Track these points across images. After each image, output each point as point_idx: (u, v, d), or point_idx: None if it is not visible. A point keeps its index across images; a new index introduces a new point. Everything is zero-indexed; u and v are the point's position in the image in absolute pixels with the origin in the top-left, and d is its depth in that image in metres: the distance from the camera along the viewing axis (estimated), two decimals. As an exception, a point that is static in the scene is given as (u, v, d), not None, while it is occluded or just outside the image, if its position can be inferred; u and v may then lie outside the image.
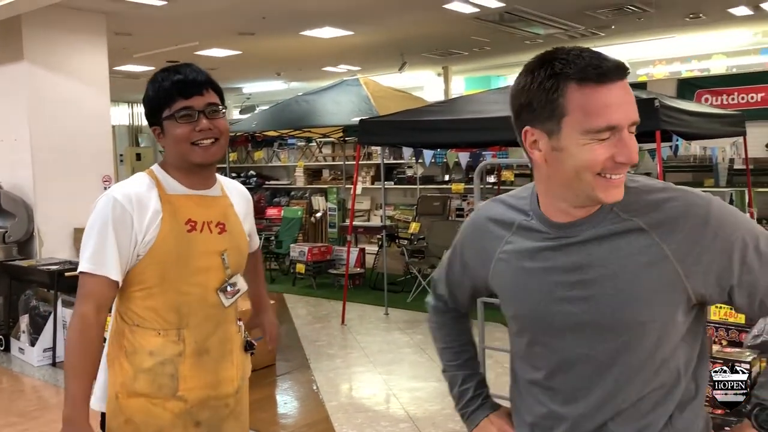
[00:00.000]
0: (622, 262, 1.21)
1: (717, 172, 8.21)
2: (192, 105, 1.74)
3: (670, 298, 1.21)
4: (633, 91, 4.06)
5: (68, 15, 6.60)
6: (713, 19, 8.92)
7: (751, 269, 1.20)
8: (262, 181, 12.51)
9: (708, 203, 1.21)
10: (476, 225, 1.43)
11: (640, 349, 1.23)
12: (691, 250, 1.19)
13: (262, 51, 10.42)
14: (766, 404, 1.29)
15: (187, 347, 1.78)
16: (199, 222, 1.80)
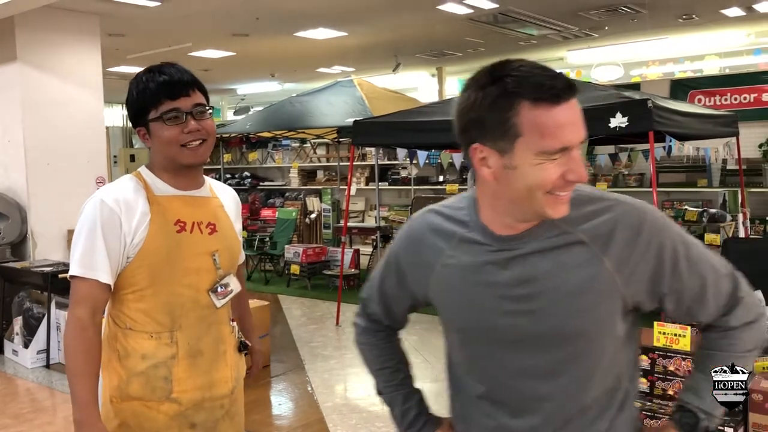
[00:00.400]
0: (565, 275, 1.22)
1: (710, 172, 8.25)
2: (179, 106, 1.72)
3: (611, 308, 1.23)
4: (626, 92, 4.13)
5: (61, 16, 6.59)
6: (706, 20, 8.96)
7: (681, 277, 1.24)
8: (257, 182, 12.49)
9: (642, 213, 1.24)
10: (414, 236, 1.38)
11: (585, 359, 1.25)
12: (627, 260, 1.21)
13: (256, 52, 10.42)
14: (690, 407, 1.32)
15: (180, 349, 1.77)
16: (188, 222, 1.78)
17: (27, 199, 6.33)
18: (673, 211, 8.15)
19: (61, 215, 6.23)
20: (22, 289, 5.92)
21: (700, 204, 8.03)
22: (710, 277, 1.27)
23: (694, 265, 1.25)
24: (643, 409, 2.32)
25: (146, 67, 1.79)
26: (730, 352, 1.31)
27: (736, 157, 7.19)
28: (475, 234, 1.28)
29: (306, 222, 10.92)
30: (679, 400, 1.37)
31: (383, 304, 1.49)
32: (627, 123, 4.82)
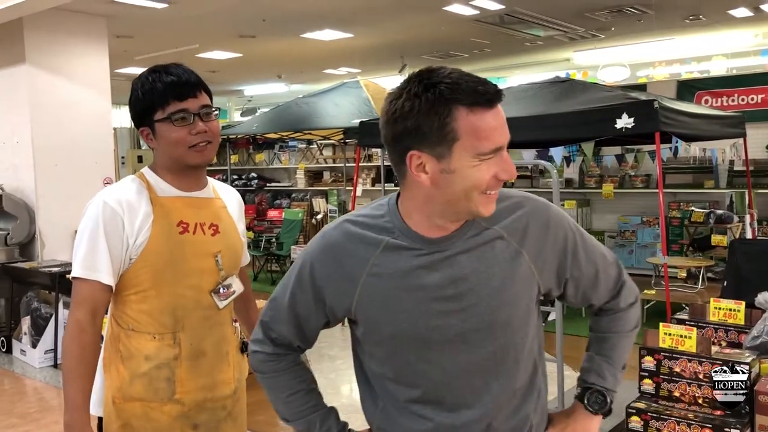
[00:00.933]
0: (491, 270, 1.29)
1: (717, 173, 8.22)
2: (187, 107, 1.72)
3: (529, 295, 1.34)
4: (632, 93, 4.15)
5: (69, 18, 6.62)
6: (713, 21, 8.93)
7: (579, 265, 1.38)
8: (263, 183, 12.53)
9: (547, 208, 1.36)
10: (332, 248, 1.35)
11: (513, 347, 1.33)
12: (540, 251, 1.33)
13: (262, 53, 10.45)
14: (597, 388, 1.46)
15: (183, 350, 1.77)
16: (191, 223, 1.78)
17: (35, 199, 6.37)
18: (680, 212, 8.14)
19: (68, 216, 6.27)
20: (30, 289, 5.96)
21: (707, 205, 8.00)
22: (601, 263, 1.42)
23: (589, 254, 1.40)
24: (649, 411, 2.32)
25: (151, 68, 1.79)
26: (619, 332, 1.48)
27: (743, 158, 7.17)
28: (402, 240, 1.30)
29: (312, 223, 10.95)
30: (584, 383, 1.49)
31: (294, 324, 1.41)
32: (633, 124, 4.81)
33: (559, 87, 5.93)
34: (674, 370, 2.41)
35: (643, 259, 8.13)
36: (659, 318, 5.19)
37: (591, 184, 8.88)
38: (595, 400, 1.46)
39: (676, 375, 2.39)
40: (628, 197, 8.70)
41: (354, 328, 1.40)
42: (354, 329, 1.41)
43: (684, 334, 2.41)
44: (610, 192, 7.18)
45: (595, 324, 1.52)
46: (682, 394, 2.37)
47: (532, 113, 5.28)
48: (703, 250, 7.21)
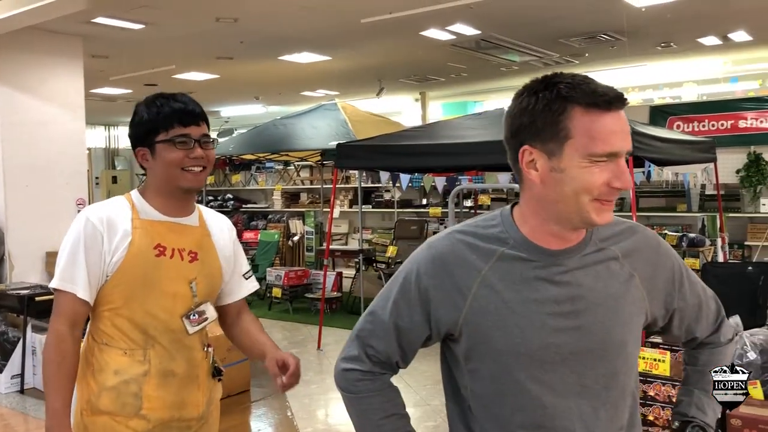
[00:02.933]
0: (607, 290, 1.26)
1: (689, 197, 8.35)
2: (189, 133, 1.81)
3: (639, 321, 1.32)
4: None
5: (45, 38, 6.58)
6: (684, 48, 9.14)
7: (685, 296, 1.38)
8: (240, 204, 12.46)
9: (657, 237, 1.38)
10: (442, 259, 1.30)
11: (623, 373, 1.29)
12: (651, 278, 1.33)
13: (240, 75, 10.44)
14: (698, 422, 1.43)
15: (153, 367, 1.82)
16: (168, 248, 1.83)
17: (5, 220, 6.26)
18: (653, 236, 8.24)
19: (39, 237, 6.16)
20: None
21: (680, 228, 8.11)
22: (703, 296, 1.42)
23: (693, 285, 1.40)
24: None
25: (158, 93, 1.87)
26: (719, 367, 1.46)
27: (715, 183, 7.30)
28: (519, 250, 1.27)
29: (289, 244, 10.89)
30: (684, 416, 1.45)
31: (395, 338, 1.34)
32: (607, 148, 4.86)
33: (534, 111, 5.98)
34: (648, 393, 2.42)
35: (617, 282, 8.19)
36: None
37: (566, 207, 8.95)
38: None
39: (650, 399, 2.39)
40: (603, 220, 8.77)
41: (453, 345, 1.32)
42: (453, 347, 1.33)
43: (658, 357, 2.43)
44: (585, 215, 7.24)
45: (694, 358, 1.49)
46: (656, 418, 2.37)
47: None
48: (676, 273, 7.27)
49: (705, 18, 7.52)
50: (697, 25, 7.85)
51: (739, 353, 2.53)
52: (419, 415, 4.61)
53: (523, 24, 7.63)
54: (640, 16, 7.21)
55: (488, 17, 7.27)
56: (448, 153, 5.72)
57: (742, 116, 8.37)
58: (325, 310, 7.39)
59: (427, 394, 5.11)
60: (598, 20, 7.54)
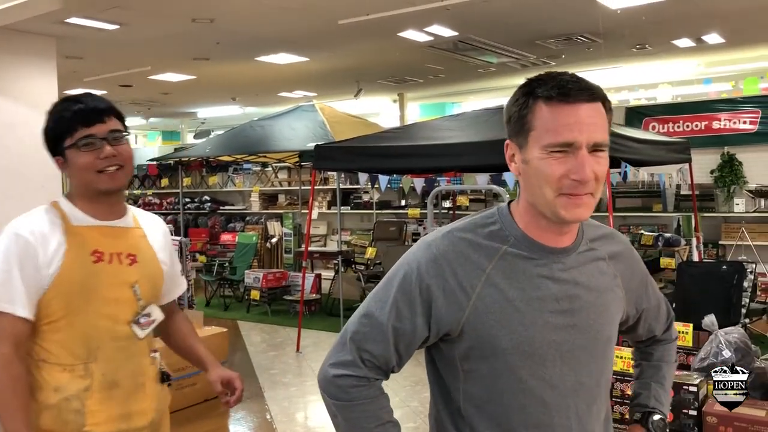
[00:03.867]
0: (598, 289, 1.32)
1: (665, 197, 8.45)
2: (94, 133, 1.73)
3: (619, 319, 1.40)
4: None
5: (17, 38, 6.47)
6: (658, 50, 9.25)
7: (649, 298, 1.49)
8: (217, 206, 12.37)
9: (628, 240, 1.46)
10: (444, 258, 1.27)
11: (608, 369, 1.38)
12: (630, 279, 1.41)
13: (217, 76, 10.37)
14: (657, 411, 1.52)
15: (95, 381, 1.75)
16: (106, 253, 1.78)
17: (-24, 224, 6.14)
18: (630, 236, 8.32)
19: (12, 240, 6.05)
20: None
21: (656, 228, 8.21)
22: (660, 298, 1.54)
23: (654, 288, 1.51)
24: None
25: (63, 97, 1.82)
26: (669, 362, 1.59)
27: (689, 183, 7.39)
28: (521, 248, 1.27)
29: (267, 246, 10.84)
30: (646, 407, 1.54)
31: (394, 341, 1.29)
32: (583, 149, 4.91)
33: (511, 112, 6.02)
34: (626, 392, 2.44)
35: (594, 282, 8.27)
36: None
37: (544, 207, 9.02)
38: (659, 424, 1.51)
39: (627, 397, 2.41)
40: (580, 221, 8.85)
41: (447, 346, 1.29)
42: (447, 347, 1.30)
43: (635, 356, 2.44)
44: (562, 215, 7.30)
45: (648, 354, 1.59)
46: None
47: (485, 138, 5.35)
48: (652, 272, 7.36)
49: (679, 20, 7.62)
50: (672, 27, 7.95)
51: (714, 351, 2.56)
52: (399, 416, 4.61)
53: (500, 26, 7.67)
54: (615, 18, 7.28)
55: (465, 19, 7.29)
56: (426, 154, 5.73)
57: (715, 117, 8.50)
58: (304, 312, 7.36)
59: (406, 395, 5.11)
60: (574, 22, 7.60)
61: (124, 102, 12.87)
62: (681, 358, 2.73)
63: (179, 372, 4.88)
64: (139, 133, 19.49)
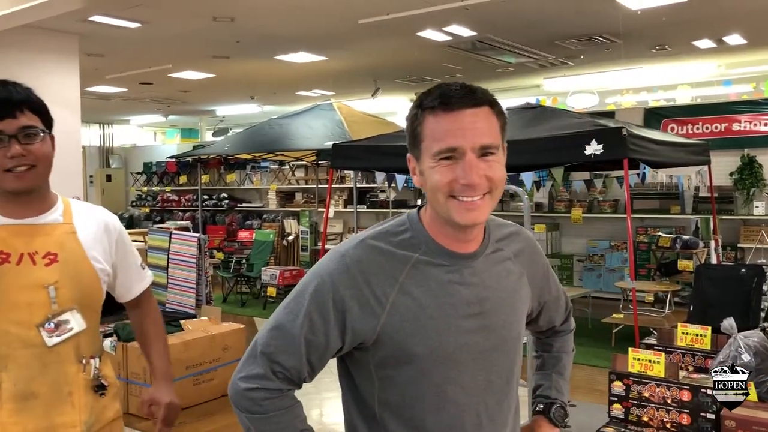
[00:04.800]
0: (505, 289, 1.36)
1: (683, 199, 8.39)
2: (2, 129, 1.57)
3: (525, 315, 1.44)
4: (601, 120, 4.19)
5: (41, 36, 6.57)
6: (678, 51, 9.18)
7: (551, 290, 1.54)
8: (234, 203, 12.45)
9: (533, 238, 1.49)
10: (357, 268, 1.27)
11: (517, 364, 1.41)
12: (533, 274, 1.45)
13: (236, 74, 10.43)
14: (558, 401, 1.57)
15: (5, 391, 1.61)
16: (14, 253, 1.62)
17: None
18: (647, 237, 8.28)
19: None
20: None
21: (674, 230, 8.15)
22: (560, 289, 1.59)
23: (554, 280, 1.55)
24: (618, 435, 2.33)
25: None
26: (568, 352, 1.65)
27: (708, 185, 7.33)
28: (430, 256, 1.29)
29: (283, 244, 10.89)
30: (548, 398, 1.58)
31: (306, 353, 1.28)
32: (602, 150, 4.90)
33: (530, 113, 6.02)
34: (643, 395, 2.44)
35: (611, 283, 8.23)
36: (627, 342, 5.24)
37: (560, 208, 9.00)
38: (559, 413, 1.57)
39: (645, 400, 2.41)
40: (597, 222, 8.82)
41: (362, 354, 1.30)
42: (361, 356, 1.31)
43: (652, 359, 2.44)
44: (579, 216, 7.28)
45: (548, 345, 1.65)
46: (650, 419, 2.39)
47: (503, 138, 5.34)
48: (669, 274, 7.33)
49: (700, 21, 7.56)
50: (692, 28, 7.89)
51: (733, 355, 2.55)
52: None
53: (518, 26, 7.65)
54: (635, 19, 7.24)
55: (484, 19, 7.29)
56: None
57: (735, 119, 8.41)
58: (320, 310, 7.38)
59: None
60: (593, 22, 7.57)
61: (144, 99, 13.00)
62: (699, 361, 2.72)
63: (197, 368, 4.94)
64: (158, 131, 19.66)
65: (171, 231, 6.50)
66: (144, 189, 14.07)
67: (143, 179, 14.31)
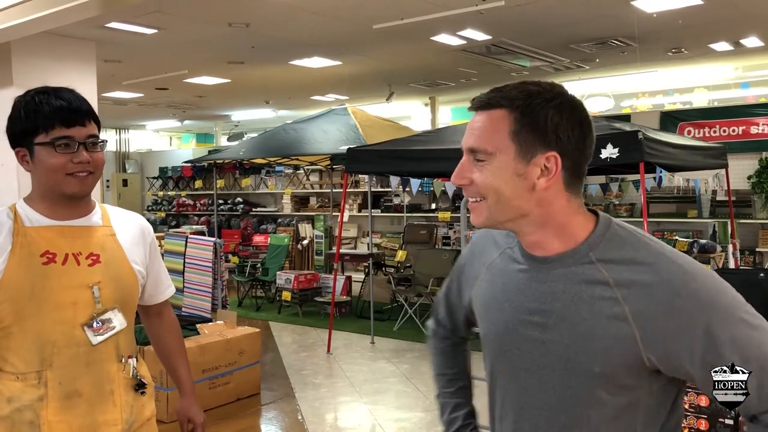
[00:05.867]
0: (582, 312, 1.15)
1: (700, 203, 8.33)
2: (73, 135, 1.64)
3: (625, 359, 1.13)
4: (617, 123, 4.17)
5: (58, 42, 6.64)
6: (695, 54, 9.12)
7: (696, 361, 1.10)
8: (249, 208, 12.51)
9: (685, 275, 1.12)
10: (475, 243, 1.44)
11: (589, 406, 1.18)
12: (652, 317, 1.11)
13: (251, 79, 10.49)
14: None
15: (50, 390, 1.64)
16: (60, 254, 1.67)
17: (18, 223, 6.31)
18: (664, 241, 8.21)
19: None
20: None
21: (690, 234, 8.09)
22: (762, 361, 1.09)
23: (728, 356, 1.09)
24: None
25: (39, 88, 1.72)
26: None
27: (726, 189, 7.27)
28: (515, 251, 1.30)
29: (298, 248, 10.92)
30: None
31: (448, 310, 1.54)
32: (618, 154, 4.87)
33: (544, 117, 5.99)
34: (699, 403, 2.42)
35: (627, 288, 8.16)
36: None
37: (576, 212, 8.94)
38: None
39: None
40: (613, 226, 8.76)
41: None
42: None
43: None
44: (595, 221, 7.23)
45: None
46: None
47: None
48: (686, 278, 7.25)
49: (716, 23, 7.51)
50: (709, 30, 7.83)
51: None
52: (430, 419, 4.61)
53: (533, 29, 7.64)
54: (651, 22, 7.20)
55: (499, 23, 7.28)
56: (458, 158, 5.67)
57: (753, 122, 8.34)
58: (335, 313, 7.40)
59: (436, 399, 5.10)
60: (609, 26, 7.53)
61: (160, 105, 13.10)
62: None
63: (213, 371, 4.96)
64: (173, 135, 19.81)
65: (187, 235, 6.55)
66: (160, 193, 14.17)
67: (159, 184, 14.42)
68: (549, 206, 1.18)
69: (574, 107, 1.19)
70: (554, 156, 1.16)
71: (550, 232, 1.20)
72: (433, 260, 7.85)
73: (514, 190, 1.17)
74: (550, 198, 1.18)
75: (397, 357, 6.44)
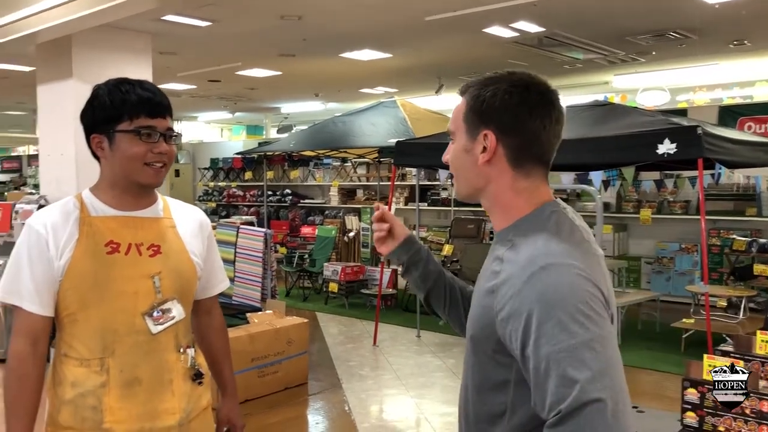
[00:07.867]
0: (479, 283, 1.29)
1: (760, 201, 8.03)
2: (155, 126, 1.69)
3: (488, 330, 1.20)
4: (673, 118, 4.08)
5: (116, 35, 6.79)
6: (758, 46, 8.79)
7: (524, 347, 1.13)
8: (297, 199, 12.63)
9: (540, 267, 1.14)
10: None
11: (473, 375, 1.29)
12: (505, 304, 1.16)
13: (301, 72, 10.57)
14: None
15: (112, 377, 1.68)
16: (123, 243, 1.71)
17: (77, 211, 6.49)
18: (720, 240, 7.97)
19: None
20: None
21: (749, 233, 7.82)
22: (550, 363, 1.08)
23: (541, 341, 1.10)
24: (692, 445, 2.25)
25: (120, 78, 1.76)
26: None
27: (788, 187, 7.00)
28: None
29: (345, 240, 10.97)
30: None
31: None
32: (676, 150, 4.74)
33: (598, 110, 5.88)
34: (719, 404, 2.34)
35: (680, 287, 7.96)
36: (698, 348, 5.06)
37: (628, 208, 8.75)
38: None
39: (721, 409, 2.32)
40: (666, 223, 8.55)
41: None
42: None
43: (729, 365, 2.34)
44: (648, 217, 7.06)
45: None
46: (727, 429, 2.30)
47: (571, 136, 5.23)
48: (744, 279, 7.04)
49: (782, 15, 7.22)
50: (773, 22, 7.54)
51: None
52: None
53: (587, 21, 7.48)
54: (712, 13, 6.97)
55: (552, 14, 7.15)
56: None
57: (818, 117, 8.01)
58: (381, 306, 7.42)
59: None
60: (667, 18, 7.32)
61: (212, 96, 13.32)
62: (779, 371, 2.60)
63: (262, 360, 5.03)
64: (224, 127, 20.12)
65: (238, 225, 6.64)
66: (210, 184, 14.41)
67: (210, 174, 14.67)
68: (494, 182, 1.28)
69: (525, 91, 1.25)
70: (489, 133, 1.26)
71: (497, 211, 1.31)
72: (480, 255, 7.75)
73: (464, 164, 1.31)
74: (494, 175, 1.27)
75: (443, 351, 6.42)
